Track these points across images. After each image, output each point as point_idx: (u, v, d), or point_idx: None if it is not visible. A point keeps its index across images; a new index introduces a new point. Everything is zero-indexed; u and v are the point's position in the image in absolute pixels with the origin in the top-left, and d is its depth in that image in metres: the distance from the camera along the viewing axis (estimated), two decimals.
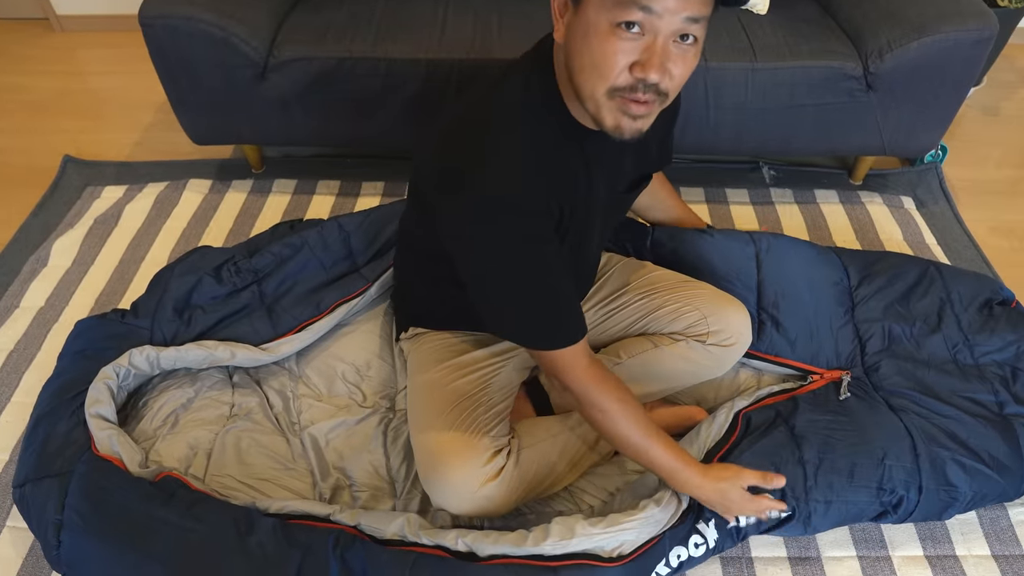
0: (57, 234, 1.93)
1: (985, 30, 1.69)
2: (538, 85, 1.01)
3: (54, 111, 2.45)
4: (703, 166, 2.18)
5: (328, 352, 1.54)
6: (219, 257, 1.62)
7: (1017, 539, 1.34)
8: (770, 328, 1.50)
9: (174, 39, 1.72)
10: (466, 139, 1.00)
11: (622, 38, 0.86)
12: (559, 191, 1.02)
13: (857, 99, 1.81)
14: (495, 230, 0.97)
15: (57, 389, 1.38)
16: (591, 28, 0.87)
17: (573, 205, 1.06)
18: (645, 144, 1.19)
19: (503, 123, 1.00)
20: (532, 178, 0.98)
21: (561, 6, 0.93)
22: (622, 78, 0.88)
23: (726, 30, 1.84)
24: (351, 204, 2.03)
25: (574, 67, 0.92)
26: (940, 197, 2.11)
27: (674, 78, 0.89)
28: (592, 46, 0.88)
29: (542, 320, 1.06)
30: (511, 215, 0.96)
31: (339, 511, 1.21)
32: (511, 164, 0.97)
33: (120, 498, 1.19)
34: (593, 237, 1.19)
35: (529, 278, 1.02)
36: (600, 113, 0.92)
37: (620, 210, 1.27)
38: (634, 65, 0.87)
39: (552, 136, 1.01)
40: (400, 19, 1.85)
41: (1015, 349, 1.47)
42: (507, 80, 1.03)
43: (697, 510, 1.21)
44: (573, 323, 1.07)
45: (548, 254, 1.01)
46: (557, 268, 1.03)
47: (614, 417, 1.10)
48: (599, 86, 0.90)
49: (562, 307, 1.06)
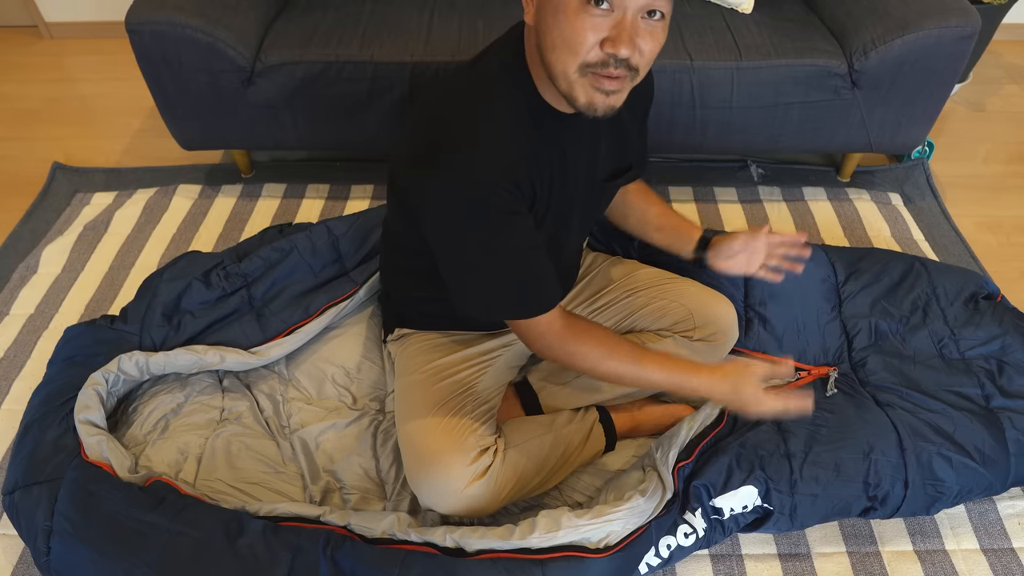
0: (47, 241, 1.93)
1: (968, 26, 1.70)
2: (510, 68, 1.02)
3: (43, 118, 2.46)
4: (691, 165, 2.19)
5: (317, 355, 1.54)
6: (208, 262, 1.62)
7: (1006, 532, 1.35)
8: (757, 325, 1.51)
9: (161, 45, 1.72)
10: (438, 119, 1.02)
11: (592, 14, 0.87)
12: (531, 170, 1.03)
13: (842, 96, 1.82)
14: (468, 202, 0.98)
15: (46, 396, 1.38)
16: (561, 6, 0.89)
17: (548, 186, 1.07)
18: (622, 131, 1.19)
19: (475, 103, 1.01)
20: (503, 154, 0.99)
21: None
22: (593, 54, 0.90)
23: (711, 29, 1.85)
24: (340, 207, 2.03)
25: (545, 45, 0.94)
26: (927, 193, 2.12)
27: (644, 53, 0.91)
28: (562, 24, 0.89)
29: (516, 289, 1.06)
30: (483, 188, 0.97)
31: (329, 512, 1.22)
32: (483, 140, 0.98)
33: (110, 504, 1.19)
34: (572, 225, 1.19)
35: (503, 247, 1.02)
36: (573, 90, 0.94)
37: (601, 199, 1.26)
38: (604, 41, 0.89)
39: (523, 117, 1.02)
40: (386, 23, 1.86)
41: (1000, 343, 1.48)
42: (479, 63, 1.05)
43: (682, 499, 1.22)
44: (548, 291, 1.07)
45: (519, 225, 1.02)
46: (530, 238, 1.04)
47: (600, 358, 1.11)
48: (571, 63, 0.91)
49: (537, 275, 1.06)
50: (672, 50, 1.78)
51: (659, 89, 1.78)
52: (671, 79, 1.78)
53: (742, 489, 1.23)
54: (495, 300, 1.07)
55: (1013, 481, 1.33)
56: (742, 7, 1.92)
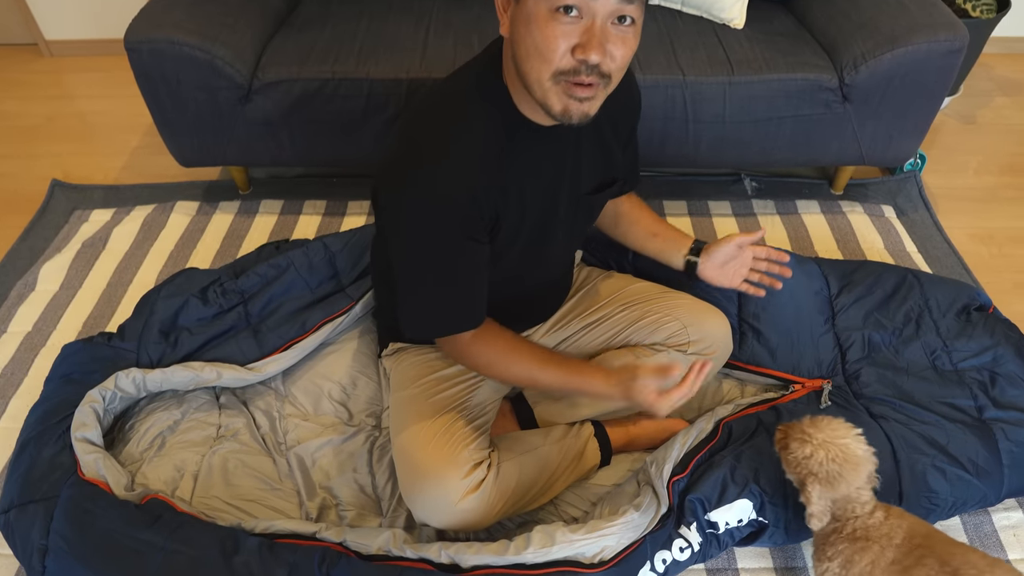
0: (45, 258, 1.94)
1: (956, 40, 1.72)
2: (486, 82, 1.04)
3: (42, 136, 2.47)
4: (685, 179, 2.20)
5: (314, 371, 1.55)
6: (205, 279, 1.63)
7: (1001, 544, 1.35)
8: (751, 338, 1.52)
9: (159, 63, 1.74)
10: (410, 136, 1.04)
11: (562, 22, 0.90)
12: (501, 185, 1.05)
13: (834, 110, 1.84)
14: (428, 219, 1.02)
15: (43, 414, 1.39)
16: (532, 16, 0.91)
17: (522, 199, 1.09)
18: (604, 145, 1.21)
19: (447, 120, 1.04)
20: (470, 171, 1.01)
21: (504, 1, 0.97)
22: (565, 61, 0.92)
23: (703, 44, 1.87)
24: (337, 223, 2.05)
25: (519, 55, 0.96)
26: (920, 205, 2.13)
27: (615, 59, 0.93)
28: (534, 33, 0.91)
29: (456, 309, 1.12)
30: (445, 205, 1.01)
31: (325, 529, 1.22)
32: (450, 157, 1.01)
33: (105, 522, 1.19)
34: (557, 237, 1.21)
35: (453, 268, 1.06)
36: (547, 98, 0.96)
37: (588, 212, 1.28)
38: (576, 48, 0.91)
39: (498, 131, 1.04)
40: (382, 40, 1.87)
41: (992, 354, 1.49)
42: (455, 79, 1.08)
43: (677, 513, 1.22)
44: (480, 311, 1.13)
45: (472, 249, 1.06)
46: (479, 263, 1.08)
47: (506, 364, 1.17)
48: (544, 71, 0.93)
49: (475, 297, 1.12)
50: (665, 65, 1.80)
51: (652, 104, 1.80)
52: (664, 94, 1.79)
53: (737, 503, 1.23)
54: (435, 317, 1.13)
55: (1007, 492, 1.34)
56: (734, 22, 1.94)
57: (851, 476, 1.09)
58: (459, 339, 1.15)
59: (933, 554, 1.05)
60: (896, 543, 1.07)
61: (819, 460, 1.10)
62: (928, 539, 1.08)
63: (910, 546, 1.06)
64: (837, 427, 1.13)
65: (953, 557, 1.04)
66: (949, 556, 1.04)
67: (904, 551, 1.06)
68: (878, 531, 1.08)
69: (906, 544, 1.07)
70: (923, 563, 1.04)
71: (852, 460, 1.10)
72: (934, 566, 1.03)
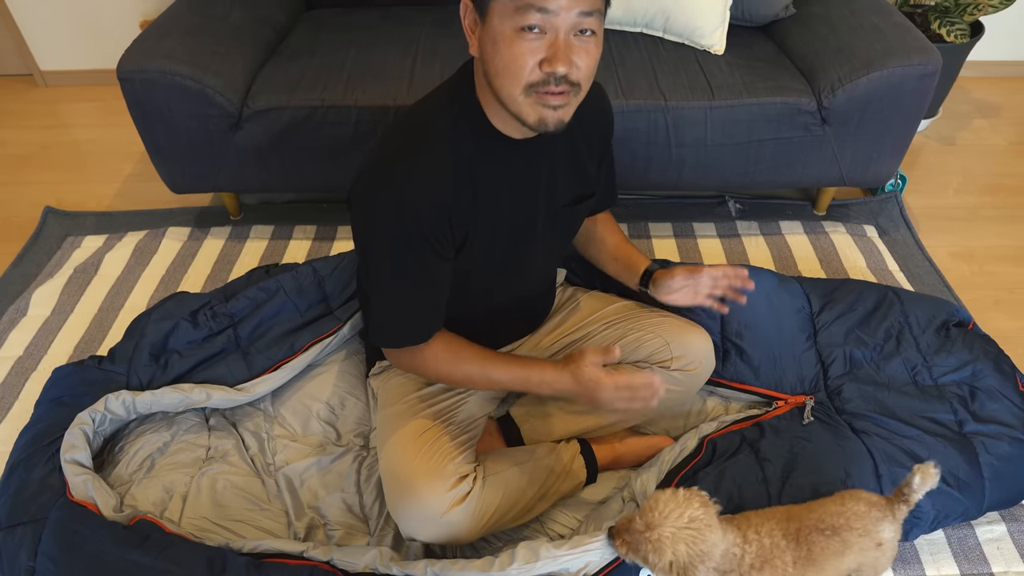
0: (37, 284, 1.96)
1: (929, 64, 1.77)
2: (460, 100, 1.09)
3: (36, 164, 2.50)
4: (670, 202, 2.24)
5: (303, 392, 1.56)
6: (195, 302, 1.65)
7: (985, 557, 1.36)
8: (734, 356, 1.54)
9: (151, 92, 1.78)
10: (384, 151, 1.08)
11: (526, 39, 0.96)
12: (467, 201, 1.09)
13: (813, 133, 1.88)
14: (384, 231, 1.07)
15: (33, 436, 1.40)
16: (498, 36, 0.97)
17: (496, 211, 1.13)
18: (578, 158, 1.25)
19: (419, 136, 1.08)
20: (428, 188, 1.06)
21: (472, 23, 1.03)
22: (534, 75, 0.97)
23: (685, 70, 1.91)
24: (327, 248, 2.07)
25: (490, 73, 1.01)
26: (901, 225, 2.17)
27: (581, 68, 0.99)
28: (502, 52, 0.97)
29: (412, 321, 1.16)
30: (396, 222, 1.05)
31: (312, 547, 1.23)
32: (408, 175, 1.05)
33: (94, 543, 1.20)
34: (536, 249, 1.25)
35: (415, 280, 1.11)
36: (522, 111, 1.01)
37: (567, 225, 1.32)
38: (542, 61, 0.97)
39: (469, 147, 1.09)
40: (369, 68, 1.91)
41: (971, 368, 1.51)
42: (431, 98, 1.13)
43: None
44: (434, 324, 1.17)
45: (436, 264, 1.11)
46: (441, 278, 1.13)
47: (451, 366, 1.21)
48: (515, 86, 0.99)
49: (434, 310, 1.16)
50: (647, 91, 1.84)
51: (635, 128, 1.84)
52: (647, 118, 1.83)
53: None
54: (386, 327, 1.17)
55: (989, 506, 1.35)
56: (714, 48, 1.99)
57: (715, 540, 1.03)
58: (408, 351, 1.20)
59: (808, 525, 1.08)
60: (783, 545, 1.07)
61: (682, 554, 1.01)
62: (792, 517, 1.10)
63: (793, 536, 1.08)
64: (668, 508, 1.02)
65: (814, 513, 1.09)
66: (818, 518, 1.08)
67: (793, 544, 1.07)
68: (765, 551, 1.07)
69: (789, 537, 1.08)
70: (810, 538, 1.07)
71: (708, 526, 1.02)
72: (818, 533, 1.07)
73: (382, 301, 1.15)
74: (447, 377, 1.23)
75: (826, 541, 1.06)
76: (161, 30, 1.87)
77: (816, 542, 1.06)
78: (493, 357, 1.22)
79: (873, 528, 1.07)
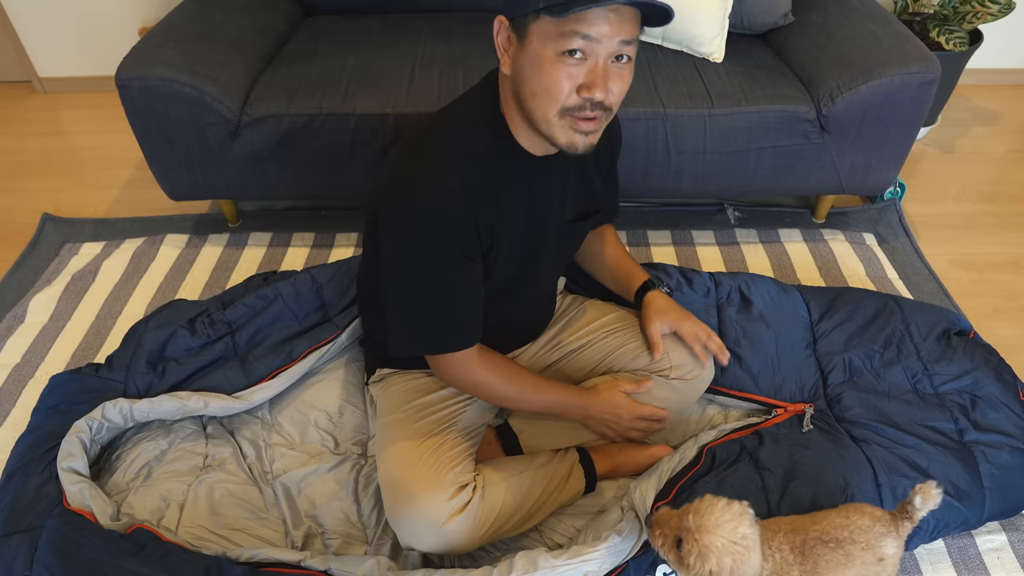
0: (35, 291, 1.95)
1: (928, 72, 1.77)
2: (485, 112, 1.10)
3: (35, 170, 2.50)
4: (669, 209, 2.24)
5: (300, 400, 1.56)
6: (193, 310, 1.65)
7: (985, 567, 1.35)
8: (733, 364, 1.54)
9: (149, 99, 1.77)
10: (413, 158, 1.09)
11: (568, 64, 0.96)
12: (497, 210, 1.10)
13: (812, 141, 1.88)
14: (429, 237, 1.06)
15: (30, 444, 1.39)
16: (538, 58, 0.97)
17: (516, 224, 1.14)
18: (587, 175, 1.26)
19: (448, 146, 1.09)
20: (470, 195, 1.06)
21: (505, 41, 1.03)
22: (571, 99, 0.99)
23: (684, 78, 1.91)
24: (325, 255, 2.07)
25: (525, 94, 1.02)
26: (900, 233, 2.17)
27: (615, 94, 1.01)
28: (541, 74, 0.98)
29: (450, 327, 1.15)
30: (435, 229, 1.05)
31: (310, 557, 1.22)
32: (451, 181, 1.05)
33: (90, 552, 1.19)
34: (543, 263, 1.26)
35: (450, 285, 1.11)
36: (554, 133, 1.02)
37: (571, 239, 1.33)
38: (580, 87, 0.98)
39: (495, 159, 1.10)
40: (368, 76, 1.91)
41: (972, 377, 1.51)
42: (456, 107, 1.14)
43: None
44: (474, 331, 1.18)
45: (469, 268, 1.11)
46: (475, 282, 1.14)
47: (498, 386, 1.24)
48: (551, 109, 1.00)
49: (471, 316, 1.16)
50: (646, 99, 1.84)
51: (634, 136, 1.84)
52: (646, 127, 1.83)
53: None
54: (428, 334, 1.16)
55: (989, 515, 1.35)
56: (713, 56, 1.99)
57: (756, 562, 1.01)
58: (453, 358, 1.19)
59: (813, 537, 1.08)
60: (791, 559, 1.06)
61: (726, 568, 0.98)
62: (796, 530, 1.10)
63: (799, 548, 1.07)
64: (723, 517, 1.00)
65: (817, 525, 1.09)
66: (822, 530, 1.08)
67: (799, 557, 1.07)
68: (778, 567, 1.06)
69: (796, 551, 1.07)
70: (815, 550, 1.06)
71: (755, 547, 1.00)
72: (822, 546, 1.06)
73: (422, 308, 1.13)
74: (485, 392, 1.25)
75: (830, 554, 1.05)
76: (160, 37, 1.86)
77: (821, 555, 1.06)
78: (536, 384, 1.29)
79: (876, 543, 1.07)
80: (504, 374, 1.25)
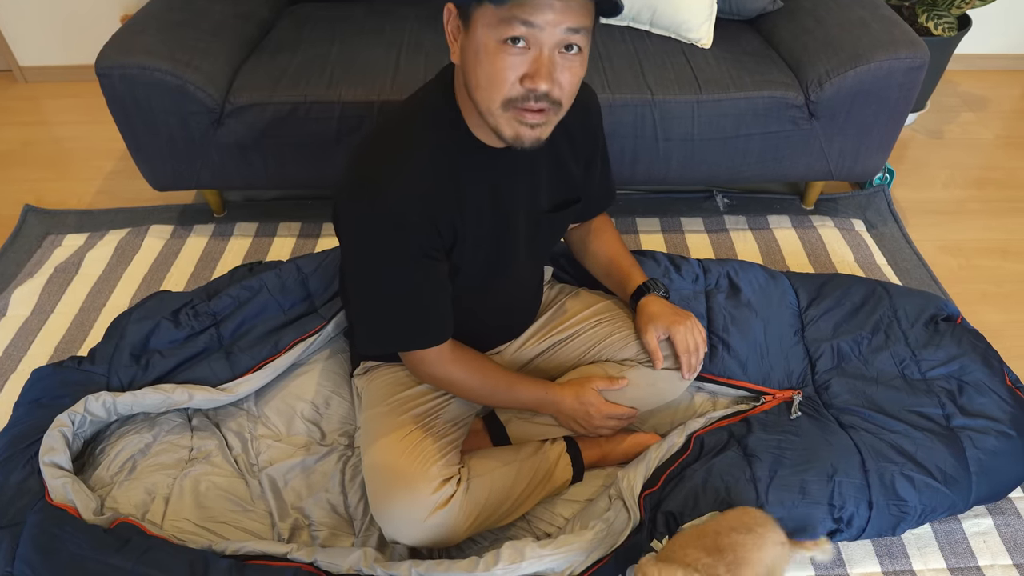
0: (16, 283, 1.93)
1: (916, 58, 1.76)
2: (440, 106, 1.07)
3: (16, 161, 2.46)
4: (658, 197, 2.23)
5: (286, 391, 1.55)
6: (177, 301, 1.63)
7: (972, 551, 1.36)
8: (722, 351, 1.53)
9: (131, 88, 1.75)
10: (368, 156, 1.06)
11: (510, 53, 0.92)
12: (456, 206, 1.08)
13: (801, 127, 1.87)
14: (387, 237, 1.04)
15: (11, 439, 1.37)
16: (481, 46, 0.94)
17: (479, 219, 1.12)
18: (561, 164, 1.23)
19: (403, 142, 1.06)
20: (426, 193, 1.04)
21: (455, 29, 1.00)
22: (514, 90, 0.95)
23: (672, 64, 1.90)
24: (312, 245, 2.05)
25: (471, 84, 0.99)
26: (889, 219, 2.17)
27: (563, 87, 0.96)
28: (484, 63, 0.94)
29: (415, 325, 1.15)
30: (393, 231, 1.04)
31: (296, 549, 1.21)
32: (407, 179, 1.04)
33: (73, 547, 1.18)
34: (519, 255, 1.23)
35: (412, 285, 1.10)
36: (499, 125, 0.99)
37: (549, 230, 1.30)
38: (524, 77, 0.94)
39: (451, 154, 1.07)
40: (354, 64, 1.89)
41: (959, 363, 1.51)
42: (412, 102, 1.11)
43: (650, 527, 1.22)
44: (443, 328, 1.17)
45: (431, 267, 1.09)
46: (439, 279, 1.13)
47: (470, 383, 1.24)
48: (494, 99, 0.96)
49: (438, 313, 1.15)
50: (634, 85, 1.83)
51: (622, 123, 1.83)
52: (634, 113, 1.82)
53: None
54: (393, 332, 1.16)
55: (975, 500, 1.35)
56: (701, 42, 1.97)
57: None
58: (424, 355, 1.18)
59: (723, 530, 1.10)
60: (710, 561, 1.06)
61: None
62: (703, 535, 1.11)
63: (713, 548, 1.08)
64: None
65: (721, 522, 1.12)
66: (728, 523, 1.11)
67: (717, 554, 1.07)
68: None
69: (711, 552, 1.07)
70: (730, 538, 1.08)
71: None
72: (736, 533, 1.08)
73: (382, 307, 1.13)
74: (458, 389, 1.26)
75: (744, 538, 1.07)
76: (140, 25, 1.84)
77: (738, 542, 1.07)
78: (510, 380, 1.28)
79: (775, 527, 1.10)
80: (477, 371, 1.24)
